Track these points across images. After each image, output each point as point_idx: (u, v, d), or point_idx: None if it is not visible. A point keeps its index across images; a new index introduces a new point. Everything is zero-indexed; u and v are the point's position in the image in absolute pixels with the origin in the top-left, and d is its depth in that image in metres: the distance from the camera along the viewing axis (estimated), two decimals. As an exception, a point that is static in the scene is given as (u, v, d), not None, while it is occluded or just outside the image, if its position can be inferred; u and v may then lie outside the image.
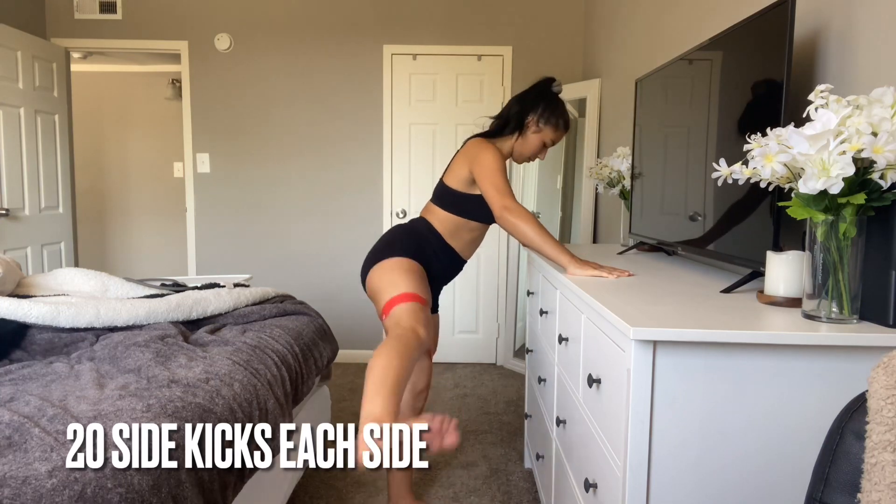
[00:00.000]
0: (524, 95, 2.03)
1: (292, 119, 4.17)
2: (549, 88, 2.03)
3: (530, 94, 2.02)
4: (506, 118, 2.03)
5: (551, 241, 1.75)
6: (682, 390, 1.08)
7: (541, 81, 2.05)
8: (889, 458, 0.71)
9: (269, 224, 4.25)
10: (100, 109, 5.83)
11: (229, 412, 1.52)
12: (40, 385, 1.50)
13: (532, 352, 2.45)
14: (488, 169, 1.86)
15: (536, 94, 2.02)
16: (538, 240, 1.75)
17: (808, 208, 1.09)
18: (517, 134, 2.02)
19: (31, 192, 3.74)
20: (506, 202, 1.81)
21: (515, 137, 2.03)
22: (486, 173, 1.86)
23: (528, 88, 2.06)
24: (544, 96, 2.02)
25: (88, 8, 4.07)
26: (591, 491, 1.35)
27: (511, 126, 2.02)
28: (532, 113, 2.00)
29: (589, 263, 1.67)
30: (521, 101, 2.02)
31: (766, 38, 1.40)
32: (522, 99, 2.02)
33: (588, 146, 3.67)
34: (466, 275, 4.24)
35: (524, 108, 2.00)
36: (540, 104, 2.00)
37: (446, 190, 2.01)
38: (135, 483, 1.14)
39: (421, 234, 2.00)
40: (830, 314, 1.11)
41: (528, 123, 2.01)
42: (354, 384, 3.79)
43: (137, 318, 2.00)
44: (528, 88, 2.05)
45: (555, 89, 2.03)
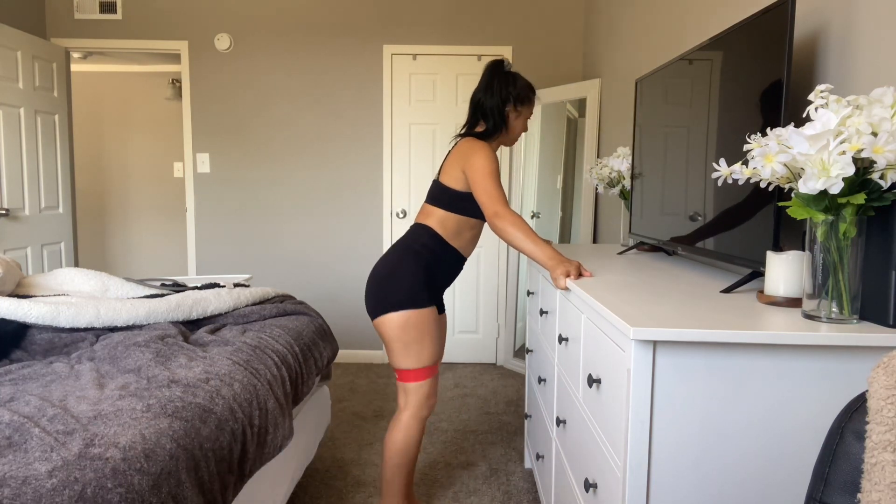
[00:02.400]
0: (489, 89, 2.00)
1: (292, 119, 4.17)
2: (506, 71, 2.02)
3: (494, 86, 1.99)
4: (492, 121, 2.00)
5: (540, 247, 1.73)
6: (682, 390, 1.08)
7: (495, 69, 2.02)
8: (889, 458, 0.71)
9: (270, 224, 4.25)
10: (100, 109, 5.83)
11: (229, 412, 1.52)
12: (40, 385, 1.50)
13: (532, 352, 2.45)
14: (480, 173, 1.86)
15: (501, 83, 1.99)
16: (528, 246, 1.74)
17: (808, 208, 1.09)
18: (504, 128, 2.03)
19: (31, 192, 3.74)
20: (496, 208, 1.81)
21: (503, 132, 2.04)
22: (478, 178, 1.86)
23: (487, 81, 2.01)
24: (507, 81, 2.00)
25: (88, 8, 4.07)
26: (591, 491, 1.35)
27: (498, 125, 2.01)
28: (507, 103, 2.00)
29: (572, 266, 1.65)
30: (492, 96, 1.99)
31: (766, 38, 1.40)
32: (491, 94, 2.00)
33: (588, 146, 3.67)
34: (466, 275, 4.25)
35: (500, 103, 1.99)
36: (509, 91, 1.99)
37: (443, 189, 1.99)
38: (135, 483, 1.14)
39: (425, 249, 1.97)
40: (830, 314, 1.11)
41: (508, 113, 2.01)
42: (354, 384, 3.79)
43: (137, 318, 2.00)
44: (489, 81, 2.01)
45: (508, 68, 2.03)
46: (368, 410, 3.34)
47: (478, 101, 2.03)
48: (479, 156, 1.89)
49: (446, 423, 3.18)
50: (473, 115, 2.05)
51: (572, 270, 1.62)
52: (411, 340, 1.92)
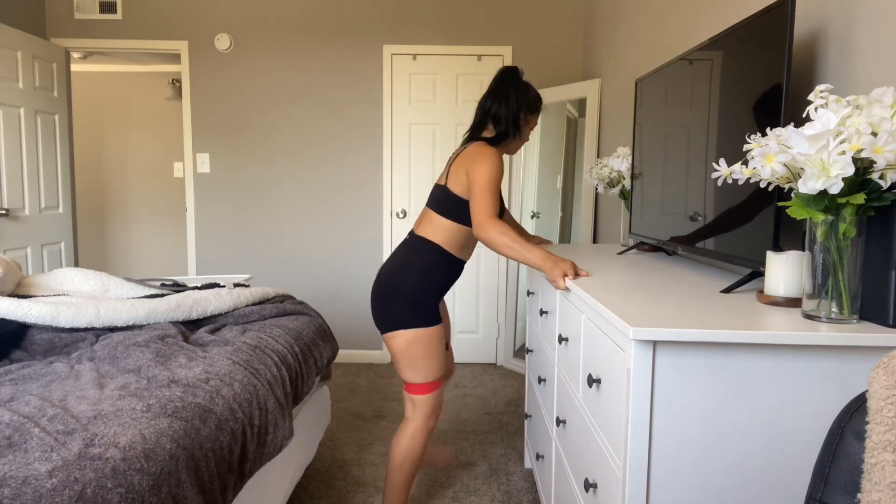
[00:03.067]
0: (505, 97, 1.98)
1: (292, 119, 4.17)
2: (521, 79, 2.01)
3: (511, 94, 1.98)
4: (505, 126, 1.98)
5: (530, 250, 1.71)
6: (682, 390, 1.08)
7: (509, 76, 2.00)
8: (889, 458, 0.71)
9: (270, 224, 4.25)
10: (100, 109, 5.83)
11: (229, 412, 1.52)
12: (40, 385, 1.50)
13: (532, 352, 2.46)
14: (481, 183, 1.84)
15: (517, 91, 1.98)
16: (517, 252, 1.73)
17: (807, 208, 1.09)
18: (517, 135, 2.03)
19: (31, 192, 3.74)
20: (481, 219, 1.80)
21: (515, 138, 2.03)
22: (476, 189, 1.84)
23: (502, 88, 1.99)
24: (522, 89, 1.99)
25: (88, 8, 4.07)
26: (591, 491, 1.35)
27: (511, 132, 2.00)
28: (521, 111, 1.99)
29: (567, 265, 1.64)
30: (507, 104, 1.98)
31: (766, 38, 1.40)
32: (506, 102, 1.98)
33: (588, 146, 3.67)
34: (467, 275, 4.25)
35: (515, 110, 1.98)
36: (522, 99, 1.98)
37: (450, 196, 1.95)
38: (135, 483, 1.14)
39: (431, 268, 1.95)
40: (830, 314, 1.11)
41: (521, 121, 2.00)
42: (354, 384, 3.79)
43: (137, 318, 2.00)
44: (503, 88, 1.99)
45: (522, 76, 2.02)
46: (368, 410, 3.34)
47: (489, 107, 2.00)
48: (485, 162, 1.86)
49: (446, 423, 3.18)
50: (483, 119, 2.03)
51: (569, 270, 1.62)
52: (416, 357, 1.95)
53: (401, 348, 1.96)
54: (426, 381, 1.99)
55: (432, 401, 2.03)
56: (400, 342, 1.95)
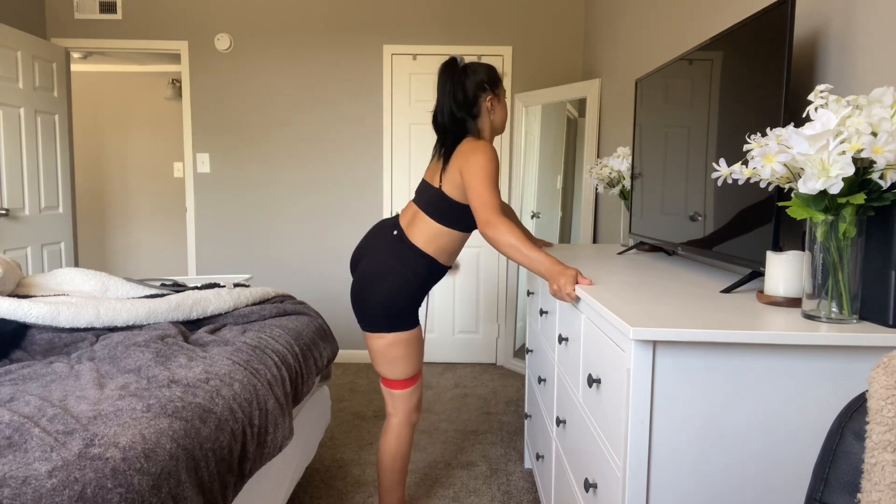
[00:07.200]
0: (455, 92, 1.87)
1: (292, 119, 4.17)
2: (461, 67, 1.90)
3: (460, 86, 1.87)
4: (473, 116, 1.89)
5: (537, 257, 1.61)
6: (682, 390, 1.08)
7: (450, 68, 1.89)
8: (889, 458, 0.71)
9: (270, 224, 4.25)
10: (100, 109, 5.83)
11: (229, 412, 1.52)
12: (40, 385, 1.50)
13: (532, 352, 2.45)
14: (478, 176, 1.74)
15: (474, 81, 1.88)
16: (524, 257, 1.63)
17: (807, 208, 1.09)
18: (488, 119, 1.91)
19: (31, 192, 3.74)
20: (489, 216, 1.69)
21: (489, 123, 1.92)
22: (474, 182, 1.74)
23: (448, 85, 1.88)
24: (468, 74, 1.88)
25: (88, 8, 4.07)
26: (591, 491, 1.35)
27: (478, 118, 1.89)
28: (481, 95, 1.88)
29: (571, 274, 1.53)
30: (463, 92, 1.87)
31: (766, 38, 1.40)
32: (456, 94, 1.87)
33: (588, 146, 3.67)
34: (467, 275, 4.25)
35: (473, 97, 1.87)
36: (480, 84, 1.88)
37: (443, 199, 1.86)
38: (135, 483, 1.14)
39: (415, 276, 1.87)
40: (830, 314, 1.11)
41: (482, 104, 1.89)
42: (354, 384, 3.79)
43: (137, 318, 2.00)
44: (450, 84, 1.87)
45: (461, 63, 1.91)
46: (368, 410, 3.34)
47: (449, 111, 1.87)
48: (479, 154, 1.76)
49: (446, 423, 3.18)
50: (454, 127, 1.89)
51: (576, 279, 1.52)
52: (396, 357, 1.93)
53: (380, 349, 1.92)
54: (404, 377, 1.97)
55: (412, 394, 2.00)
56: (380, 343, 1.91)
